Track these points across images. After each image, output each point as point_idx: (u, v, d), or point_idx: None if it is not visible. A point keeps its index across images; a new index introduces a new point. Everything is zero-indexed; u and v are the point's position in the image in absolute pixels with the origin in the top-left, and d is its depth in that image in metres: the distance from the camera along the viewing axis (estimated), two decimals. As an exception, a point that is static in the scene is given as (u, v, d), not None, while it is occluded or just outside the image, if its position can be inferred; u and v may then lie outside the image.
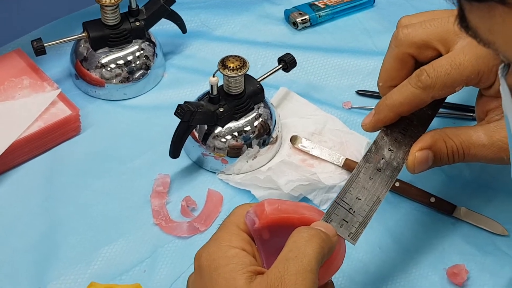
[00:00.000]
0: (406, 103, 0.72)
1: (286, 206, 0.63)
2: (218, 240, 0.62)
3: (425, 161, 0.71)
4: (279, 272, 0.57)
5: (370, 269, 0.77)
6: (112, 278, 0.76)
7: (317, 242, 0.59)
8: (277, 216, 0.62)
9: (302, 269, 0.57)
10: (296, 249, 0.58)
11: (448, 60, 0.71)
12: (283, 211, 0.63)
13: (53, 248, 0.78)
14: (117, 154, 0.87)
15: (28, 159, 0.86)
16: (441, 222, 0.81)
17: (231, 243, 0.61)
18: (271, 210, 0.62)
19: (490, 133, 0.71)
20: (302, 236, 0.60)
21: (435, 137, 0.72)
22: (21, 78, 0.89)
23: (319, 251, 0.59)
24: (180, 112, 0.80)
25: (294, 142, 0.87)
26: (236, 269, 0.59)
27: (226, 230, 0.62)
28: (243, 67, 0.81)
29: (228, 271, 0.59)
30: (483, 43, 0.44)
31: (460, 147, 0.72)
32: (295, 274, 0.57)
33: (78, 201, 0.82)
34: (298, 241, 0.59)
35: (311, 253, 0.58)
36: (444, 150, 0.72)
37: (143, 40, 0.93)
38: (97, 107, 0.92)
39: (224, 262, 0.59)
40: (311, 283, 0.57)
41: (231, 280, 0.58)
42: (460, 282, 0.75)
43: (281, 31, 1.02)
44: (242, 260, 0.60)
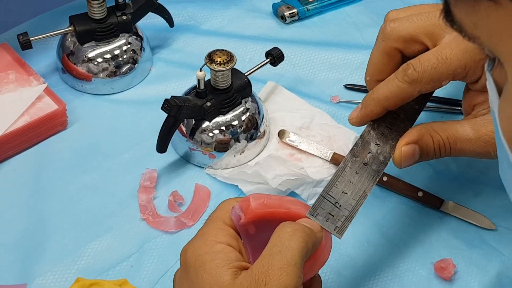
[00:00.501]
0: (392, 97, 0.72)
1: (272, 201, 0.63)
2: (204, 235, 0.61)
3: (411, 155, 0.72)
4: (263, 267, 0.57)
5: (357, 263, 0.77)
6: (99, 274, 0.75)
7: (301, 237, 0.59)
8: (262, 211, 0.62)
9: (286, 263, 0.57)
10: (280, 244, 0.58)
11: (435, 54, 0.71)
12: (269, 206, 0.63)
13: (39, 243, 0.78)
14: (104, 149, 0.87)
15: (14, 154, 0.85)
16: (428, 217, 0.81)
17: (217, 238, 0.61)
18: (256, 205, 0.62)
19: (476, 128, 0.71)
20: (286, 231, 0.60)
21: (421, 131, 0.72)
22: (7, 73, 0.88)
23: (303, 246, 0.59)
24: (167, 106, 0.79)
25: (282, 136, 0.87)
26: (221, 264, 0.59)
27: (212, 225, 0.62)
28: (230, 61, 0.81)
29: (213, 267, 0.59)
30: (468, 37, 0.44)
31: (446, 141, 0.72)
32: (279, 269, 0.57)
33: (64, 196, 0.82)
34: (282, 235, 0.59)
35: (295, 247, 0.58)
36: (430, 144, 0.72)
37: (130, 34, 0.92)
38: (84, 101, 0.91)
39: (210, 257, 0.59)
40: (295, 277, 0.57)
41: (216, 275, 0.58)
42: (448, 277, 0.75)
43: (269, 25, 1.01)
44: (228, 255, 0.59)
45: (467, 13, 0.42)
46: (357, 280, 0.76)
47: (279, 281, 0.56)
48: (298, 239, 0.59)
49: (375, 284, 0.75)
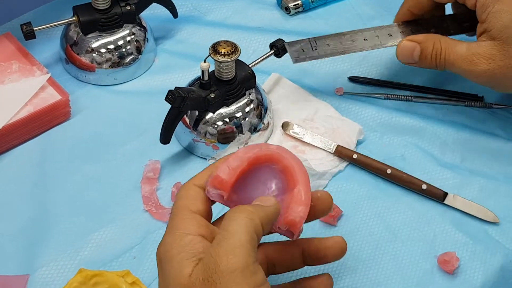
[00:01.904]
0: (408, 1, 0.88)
1: (237, 162, 0.63)
2: (172, 229, 0.62)
3: (410, 50, 0.84)
4: (211, 256, 0.57)
5: (361, 256, 0.77)
6: (102, 265, 0.75)
7: (244, 217, 0.59)
8: (236, 175, 0.63)
9: (231, 246, 0.57)
10: (224, 230, 0.59)
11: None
12: (237, 167, 0.63)
13: (43, 233, 0.78)
14: (107, 139, 0.86)
15: (18, 145, 0.85)
16: (432, 209, 0.81)
17: (186, 230, 0.61)
18: (227, 175, 0.63)
19: (470, 48, 0.81)
20: (227, 216, 0.60)
21: (428, 37, 0.84)
22: (10, 63, 0.88)
23: (247, 225, 0.59)
24: (170, 97, 0.79)
25: (285, 128, 0.86)
26: (186, 257, 0.59)
27: (179, 216, 0.62)
28: (235, 53, 0.80)
29: (178, 260, 0.59)
30: None
31: (443, 52, 0.82)
32: (225, 253, 0.57)
33: (67, 187, 0.82)
34: (224, 223, 0.59)
35: (238, 229, 0.58)
36: (430, 49, 0.83)
37: (134, 25, 0.92)
38: (87, 92, 0.91)
39: (177, 251, 0.59)
40: (243, 257, 0.57)
41: (179, 269, 0.58)
42: (451, 270, 0.75)
43: (273, 16, 1.01)
44: (194, 247, 0.59)
45: None
46: (360, 272, 0.76)
47: (228, 265, 0.56)
48: (240, 221, 0.59)
49: (378, 276, 0.75)
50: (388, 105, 0.90)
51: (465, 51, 0.81)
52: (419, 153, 0.86)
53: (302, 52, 0.86)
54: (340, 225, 0.79)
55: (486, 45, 0.80)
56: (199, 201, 0.63)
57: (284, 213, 0.64)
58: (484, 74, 0.80)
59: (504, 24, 0.79)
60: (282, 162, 0.65)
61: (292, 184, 0.65)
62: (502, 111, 0.90)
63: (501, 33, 0.79)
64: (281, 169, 0.65)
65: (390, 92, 0.91)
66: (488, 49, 0.80)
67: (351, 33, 0.87)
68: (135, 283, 0.72)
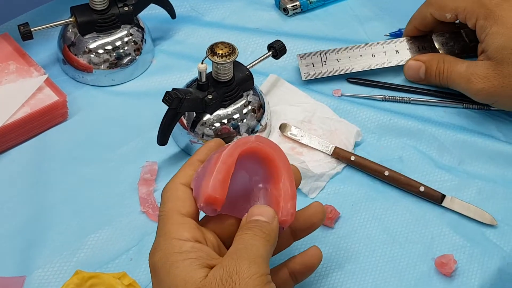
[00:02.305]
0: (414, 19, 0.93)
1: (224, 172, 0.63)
2: (166, 235, 0.62)
3: (416, 69, 0.91)
4: (232, 260, 0.59)
5: (358, 258, 0.77)
6: (98, 267, 0.75)
7: (262, 237, 0.62)
8: (227, 187, 0.63)
9: (253, 255, 0.60)
10: (244, 242, 0.61)
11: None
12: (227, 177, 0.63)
13: (39, 235, 0.77)
14: (104, 140, 0.86)
15: (14, 145, 0.85)
16: (430, 212, 0.81)
17: (182, 236, 0.61)
18: (220, 193, 0.62)
19: (468, 67, 0.86)
20: (247, 233, 0.62)
21: (433, 56, 0.90)
22: (7, 63, 0.88)
23: (265, 244, 0.61)
24: (168, 99, 0.79)
25: (283, 130, 0.86)
26: (194, 263, 0.60)
27: (171, 221, 0.63)
28: (232, 54, 0.80)
29: (186, 266, 0.60)
30: None
31: (445, 70, 0.88)
32: (248, 259, 0.59)
33: (64, 188, 0.82)
34: (244, 237, 0.62)
35: (259, 244, 0.61)
36: (434, 68, 0.89)
37: (131, 26, 0.92)
38: (84, 93, 0.91)
39: (181, 257, 0.60)
40: (263, 267, 0.60)
41: (189, 273, 0.59)
42: (448, 272, 0.75)
43: (272, 17, 1.01)
44: (199, 254, 0.61)
45: None
46: (358, 275, 0.75)
47: (250, 269, 0.58)
48: (260, 239, 0.61)
49: (376, 279, 0.75)
50: (386, 107, 0.90)
51: (464, 70, 0.86)
52: (417, 155, 0.85)
53: (312, 67, 0.91)
54: (338, 227, 0.79)
55: (483, 64, 0.84)
56: (188, 203, 0.64)
57: (272, 205, 0.65)
58: (480, 92, 0.85)
59: (500, 45, 0.83)
60: (263, 152, 0.66)
61: (274, 173, 0.66)
62: (500, 113, 0.89)
63: (497, 53, 0.83)
64: (262, 157, 0.66)
65: (388, 94, 0.91)
66: (484, 69, 0.84)
67: (360, 48, 0.92)
68: (132, 285, 0.72)
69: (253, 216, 0.63)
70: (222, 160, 0.63)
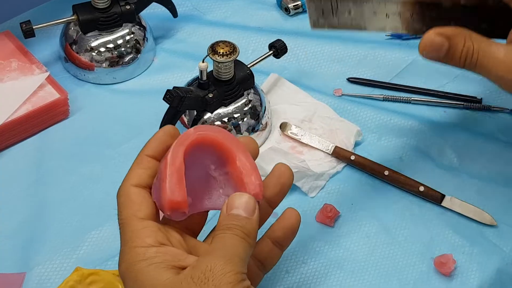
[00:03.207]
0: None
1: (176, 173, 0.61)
2: (128, 243, 0.60)
3: (438, 46, 0.70)
4: (206, 259, 0.57)
5: (357, 257, 0.77)
6: (98, 264, 0.75)
7: (239, 239, 0.60)
8: (184, 186, 0.61)
9: (229, 254, 0.58)
10: (221, 241, 0.59)
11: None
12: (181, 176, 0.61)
13: (39, 232, 0.78)
14: (105, 138, 0.86)
15: (16, 143, 0.85)
16: (429, 211, 0.81)
17: (144, 243, 0.59)
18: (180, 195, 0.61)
19: (509, 51, 0.69)
20: (225, 233, 0.60)
21: (458, 31, 0.70)
22: (9, 61, 0.88)
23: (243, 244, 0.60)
24: (169, 97, 0.79)
25: (283, 129, 0.86)
26: (160, 266, 0.58)
27: (130, 228, 0.60)
28: (233, 53, 0.80)
29: (151, 270, 0.58)
30: None
31: (476, 51, 0.70)
32: (223, 257, 0.57)
33: (65, 185, 0.82)
34: (222, 236, 0.60)
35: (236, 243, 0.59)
36: (460, 46, 0.70)
37: (133, 24, 0.92)
38: (86, 91, 0.91)
39: (145, 263, 0.58)
40: (240, 266, 0.58)
41: (156, 276, 0.58)
42: (447, 272, 0.75)
43: (273, 17, 1.01)
44: (163, 257, 0.59)
45: None
46: (357, 274, 0.76)
47: (225, 267, 0.57)
48: (239, 239, 0.60)
49: (375, 278, 0.75)
50: (386, 106, 0.90)
51: (502, 54, 0.69)
52: (417, 154, 0.86)
53: (322, 15, 0.73)
54: (337, 226, 0.79)
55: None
56: (144, 205, 0.62)
57: (237, 185, 0.64)
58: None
59: None
60: (207, 140, 0.64)
61: (228, 155, 0.64)
62: (500, 113, 0.90)
63: None
64: (208, 145, 0.64)
65: (389, 94, 0.92)
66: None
67: (374, 3, 0.73)
68: (131, 282, 0.72)
69: (233, 209, 0.61)
70: (169, 163, 0.62)
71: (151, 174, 0.63)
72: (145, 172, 0.63)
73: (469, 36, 0.70)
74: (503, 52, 0.69)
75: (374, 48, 0.96)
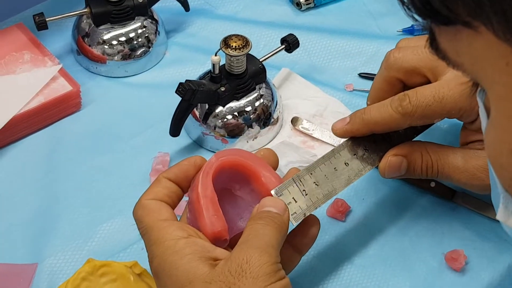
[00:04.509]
0: (381, 123, 0.72)
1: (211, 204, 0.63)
2: (158, 241, 0.61)
3: (397, 166, 0.72)
4: (242, 250, 0.59)
5: (368, 252, 0.77)
6: (110, 255, 0.75)
7: (274, 227, 0.61)
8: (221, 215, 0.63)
9: (264, 244, 0.59)
10: (255, 231, 0.61)
11: (432, 91, 0.70)
12: (216, 207, 0.63)
13: (51, 223, 0.78)
14: (117, 131, 0.87)
15: (28, 134, 0.86)
16: (440, 207, 0.81)
17: (173, 236, 0.61)
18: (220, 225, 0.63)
19: (467, 158, 0.72)
20: (258, 223, 0.61)
21: (413, 147, 0.73)
22: (22, 53, 0.88)
23: (276, 234, 0.61)
24: (181, 90, 0.79)
25: (295, 123, 0.87)
26: (194, 259, 0.59)
27: (156, 229, 0.62)
28: (246, 47, 0.80)
29: (186, 263, 0.59)
30: (452, 65, 0.45)
31: (435, 163, 0.72)
32: (259, 249, 0.59)
33: (77, 178, 0.82)
34: (255, 227, 0.61)
35: (270, 233, 0.61)
36: (418, 162, 0.73)
37: (145, 17, 0.92)
38: (98, 83, 0.91)
39: (178, 256, 0.59)
40: (274, 256, 0.59)
41: (192, 269, 0.59)
42: (458, 268, 0.75)
43: (285, 11, 1.01)
44: (194, 248, 0.60)
45: (450, 41, 0.44)
46: (368, 268, 0.76)
47: (260, 258, 0.58)
48: (271, 228, 0.61)
49: (386, 273, 0.75)
50: (398, 102, 0.90)
51: (460, 163, 0.72)
52: (428, 150, 0.85)
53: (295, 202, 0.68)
54: (348, 220, 0.79)
55: None
56: (163, 210, 0.63)
57: None
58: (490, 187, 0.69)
59: None
60: (229, 164, 0.66)
61: (251, 173, 0.66)
62: None
63: None
64: (231, 168, 0.66)
65: (400, 89, 0.91)
66: None
67: None
68: (143, 274, 0.72)
69: (265, 207, 0.63)
70: (202, 195, 0.63)
71: (167, 193, 0.65)
72: (161, 191, 0.65)
73: (425, 150, 0.73)
74: (461, 160, 0.72)
75: (385, 44, 0.96)
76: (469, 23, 0.41)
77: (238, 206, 0.68)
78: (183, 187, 0.66)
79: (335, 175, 0.70)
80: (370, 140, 0.73)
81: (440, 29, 0.44)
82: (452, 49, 0.44)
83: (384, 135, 0.74)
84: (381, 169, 0.73)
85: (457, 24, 0.41)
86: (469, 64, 0.44)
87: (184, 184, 0.66)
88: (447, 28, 0.43)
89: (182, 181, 0.66)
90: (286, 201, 0.66)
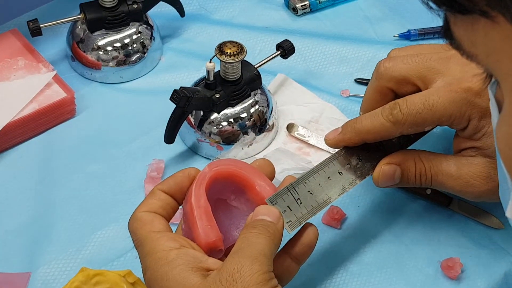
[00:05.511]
0: (373, 132, 0.72)
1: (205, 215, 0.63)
2: (150, 253, 0.62)
3: (391, 175, 0.73)
4: (234, 259, 0.59)
5: (364, 259, 0.77)
6: (104, 264, 0.75)
7: (267, 237, 0.61)
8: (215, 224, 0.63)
9: (256, 253, 0.59)
10: (248, 240, 0.61)
11: (421, 99, 0.71)
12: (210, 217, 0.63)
13: (45, 231, 0.77)
14: (111, 138, 0.86)
15: (22, 141, 0.85)
16: (437, 215, 0.80)
17: (165, 247, 0.61)
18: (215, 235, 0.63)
19: (460, 166, 0.72)
20: (252, 232, 0.61)
21: (406, 156, 0.73)
22: (16, 59, 0.88)
23: (269, 242, 0.61)
24: (175, 97, 0.79)
25: (290, 130, 0.86)
26: (185, 269, 0.59)
27: (149, 241, 0.62)
28: (240, 53, 0.80)
29: (177, 274, 0.59)
30: (466, 55, 0.45)
31: (428, 171, 0.73)
32: (250, 258, 0.59)
33: (71, 185, 0.82)
34: (248, 236, 0.61)
35: (263, 242, 0.61)
36: (412, 170, 0.73)
37: (140, 23, 0.92)
38: (92, 90, 0.91)
39: (169, 267, 0.60)
40: (266, 265, 0.59)
41: (183, 280, 0.59)
42: (454, 276, 0.75)
43: (281, 17, 1.01)
44: (185, 259, 0.60)
45: (466, 31, 0.43)
46: (363, 276, 0.75)
47: (252, 267, 0.58)
48: (264, 237, 0.61)
49: (382, 281, 0.75)
50: (394, 108, 0.90)
51: (454, 170, 0.72)
52: (424, 157, 0.85)
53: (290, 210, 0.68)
54: (344, 228, 0.79)
55: (482, 163, 0.72)
56: (156, 222, 0.64)
57: None
58: (484, 194, 0.72)
59: None
60: (223, 174, 0.66)
61: (245, 182, 0.66)
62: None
63: None
64: (225, 178, 0.66)
65: (397, 95, 0.91)
66: (485, 168, 0.71)
67: None
68: (136, 283, 0.72)
69: (259, 215, 0.63)
70: (195, 206, 0.64)
71: (161, 205, 0.65)
72: (156, 203, 0.65)
73: (418, 158, 0.73)
74: (454, 167, 0.72)
75: (382, 49, 0.96)
76: (486, 13, 0.40)
77: (233, 216, 0.68)
78: (177, 198, 0.66)
79: (329, 184, 0.70)
80: (363, 150, 0.73)
81: (456, 18, 0.43)
82: (467, 39, 0.43)
83: (378, 145, 0.74)
84: (375, 178, 0.73)
85: (474, 14, 0.41)
86: (484, 55, 0.43)
87: (178, 196, 0.66)
88: (463, 17, 0.42)
89: (176, 192, 0.66)
90: (281, 209, 0.66)
